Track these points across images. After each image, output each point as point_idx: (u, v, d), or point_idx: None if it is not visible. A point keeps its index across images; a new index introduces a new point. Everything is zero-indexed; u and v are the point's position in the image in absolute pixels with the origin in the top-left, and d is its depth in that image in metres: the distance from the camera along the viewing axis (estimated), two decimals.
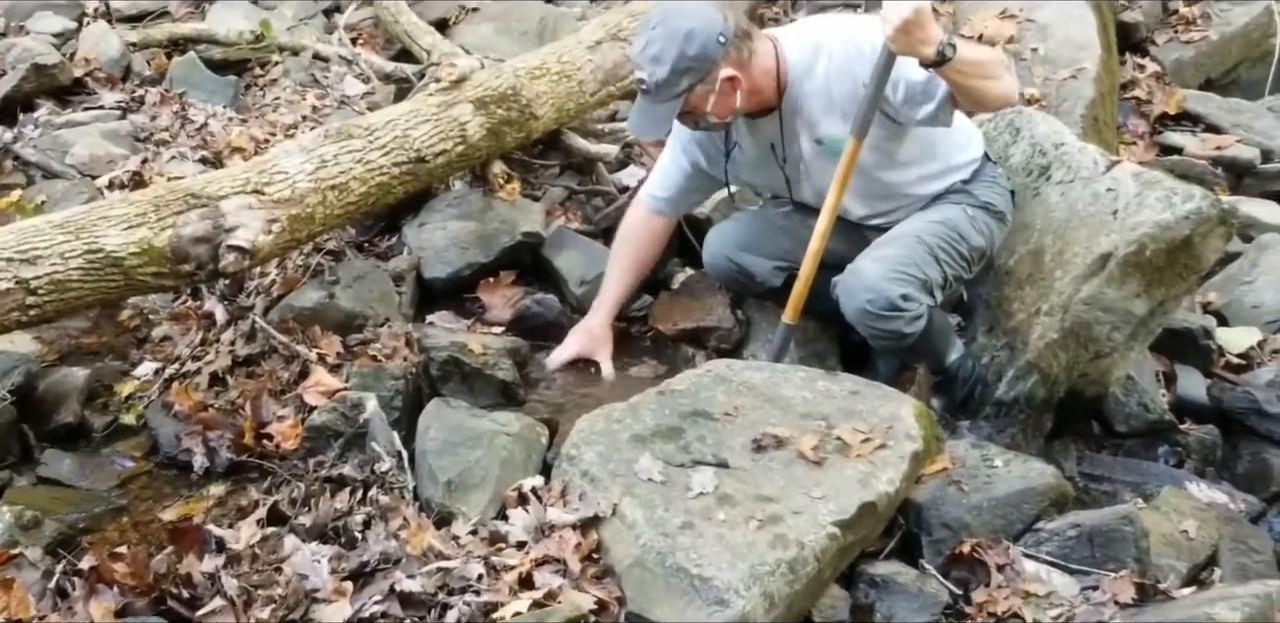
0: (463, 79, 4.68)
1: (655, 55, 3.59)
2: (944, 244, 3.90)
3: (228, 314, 4.31)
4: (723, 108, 3.72)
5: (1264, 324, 4.90)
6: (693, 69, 3.60)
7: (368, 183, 4.27)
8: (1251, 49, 7.39)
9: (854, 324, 3.86)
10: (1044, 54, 6.20)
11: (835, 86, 3.75)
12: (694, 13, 3.70)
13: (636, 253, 4.35)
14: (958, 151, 4.05)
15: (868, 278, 3.76)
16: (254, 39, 6.11)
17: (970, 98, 3.58)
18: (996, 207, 4.05)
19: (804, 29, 3.96)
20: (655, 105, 3.69)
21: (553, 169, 5.35)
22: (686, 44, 3.58)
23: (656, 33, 3.63)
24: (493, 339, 4.36)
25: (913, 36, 3.32)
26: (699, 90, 3.65)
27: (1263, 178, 6.54)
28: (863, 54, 3.65)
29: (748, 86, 3.72)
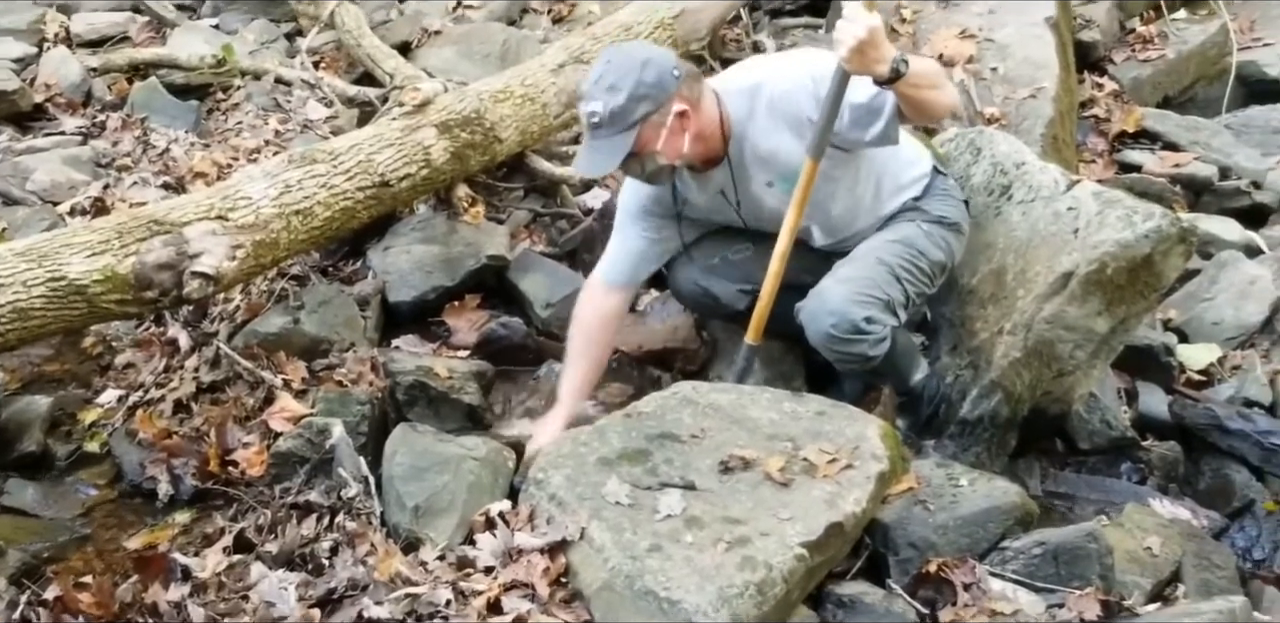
0: (426, 103, 4.68)
1: (611, 84, 3.55)
2: (904, 263, 3.91)
3: (191, 341, 4.30)
4: (672, 147, 3.66)
5: (1224, 341, 4.93)
6: (649, 97, 3.56)
7: (332, 208, 4.27)
8: (1208, 67, 7.44)
9: (819, 349, 3.86)
10: (1003, 73, 6.24)
11: (778, 126, 3.75)
12: (647, 47, 3.78)
13: (599, 347, 4.18)
14: (906, 169, 4.07)
15: (830, 302, 3.77)
16: (216, 63, 6.10)
17: (921, 110, 3.59)
18: (951, 219, 4.07)
19: (740, 74, 3.93)
20: (606, 140, 3.61)
21: (517, 192, 5.36)
22: (644, 71, 3.56)
23: (610, 65, 3.60)
24: (459, 363, 4.36)
25: (867, 56, 3.31)
26: (653, 121, 3.59)
27: (1220, 195, 6.58)
28: (804, 88, 3.66)
29: (696, 128, 3.69)
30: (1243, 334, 4.94)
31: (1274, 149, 6.98)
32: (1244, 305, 5.00)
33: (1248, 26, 7.56)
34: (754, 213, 4.01)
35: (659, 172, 3.73)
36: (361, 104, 5.68)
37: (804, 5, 7.19)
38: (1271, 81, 7.25)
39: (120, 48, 6.57)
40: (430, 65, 6.15)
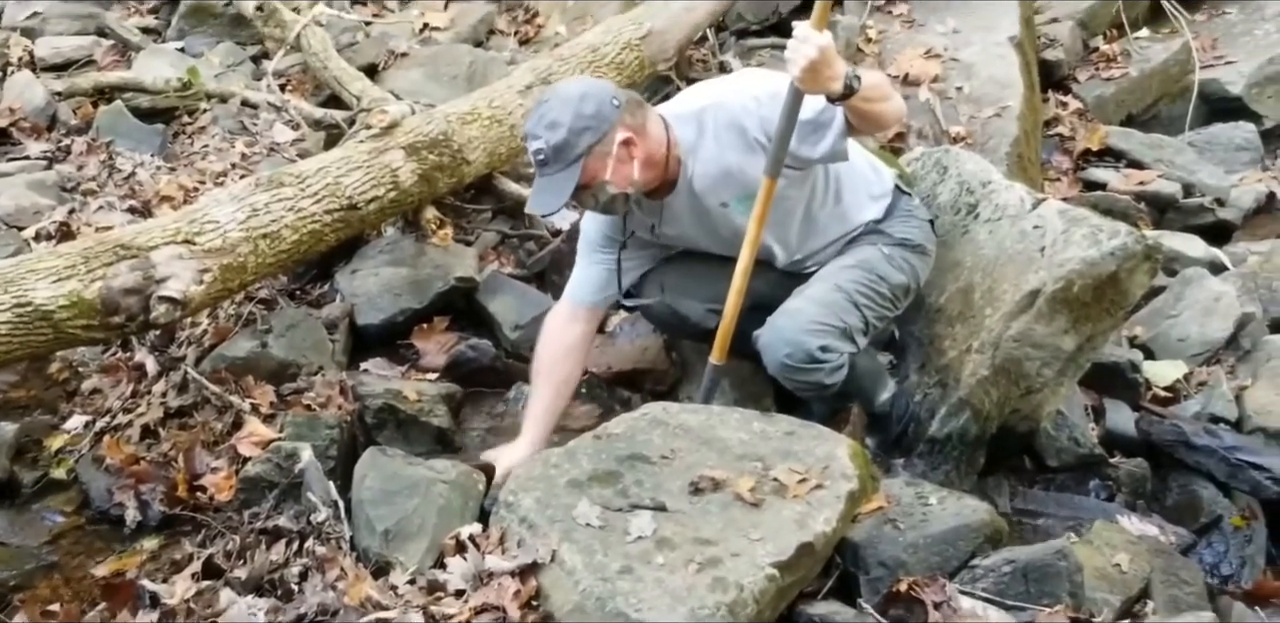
0: (394, 125, 4.69)
1: (551, 121, 3.57)
2: (862, 288, 3.92)
3: (159, 365, 4.28)
4: (621, 176, 3.67)
5: (1189, 357, 4.94)
6: (590, 128, 3.57)
7: (299, 231, 4.27)
8: (1171, 85, 7.52)
9: (776, 377, 3.88)
10: (969, 93, 6.28)
11: (727, 147, 3.76)
12: (584, 81, 3.77)
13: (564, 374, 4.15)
14: (866, 188, 4.08)
15: (785, 332, 3.78)
16: (181, 86, 6.08)
17: (874, 122, 3.62)
18: (914, 241, 4.08)
19: (686, 99, 3.94)
20: (553, 176, 3.62)
21: (485, 214, 5.37)
22: (582, 104, 3.58)
23: (549, 104, 3.62)
24: (427, 386, 4.36)
25: (821, 75, 3.33)
26: (597, 152, 3.59)
27: (1184, 212, 6.65)
28: (747, 109, 3.69)
29: (644, 155, 3.70)
30: (1208, 350, 4.96)
31: (1237, 166, 7.08)
32: (1209, 322, 5.02)
33: (1209, 45, 7.64)
34: (712, 235, 4.01)
35: (612, 201, 3.74)
36: (328, 127, 5.67)
37: (770, 25, 7.20)
38: (1234, 99, 7.34)
39: (85, 71, 6.55)
40: (397, 87, 6.16)
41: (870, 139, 4.30)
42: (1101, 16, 7.71)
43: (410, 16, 7.08)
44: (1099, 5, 7.70)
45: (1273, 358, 4.84)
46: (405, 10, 7.22)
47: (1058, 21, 7.53)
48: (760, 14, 7.17)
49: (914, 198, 4.24)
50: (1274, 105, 7.42)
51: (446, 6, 7.22)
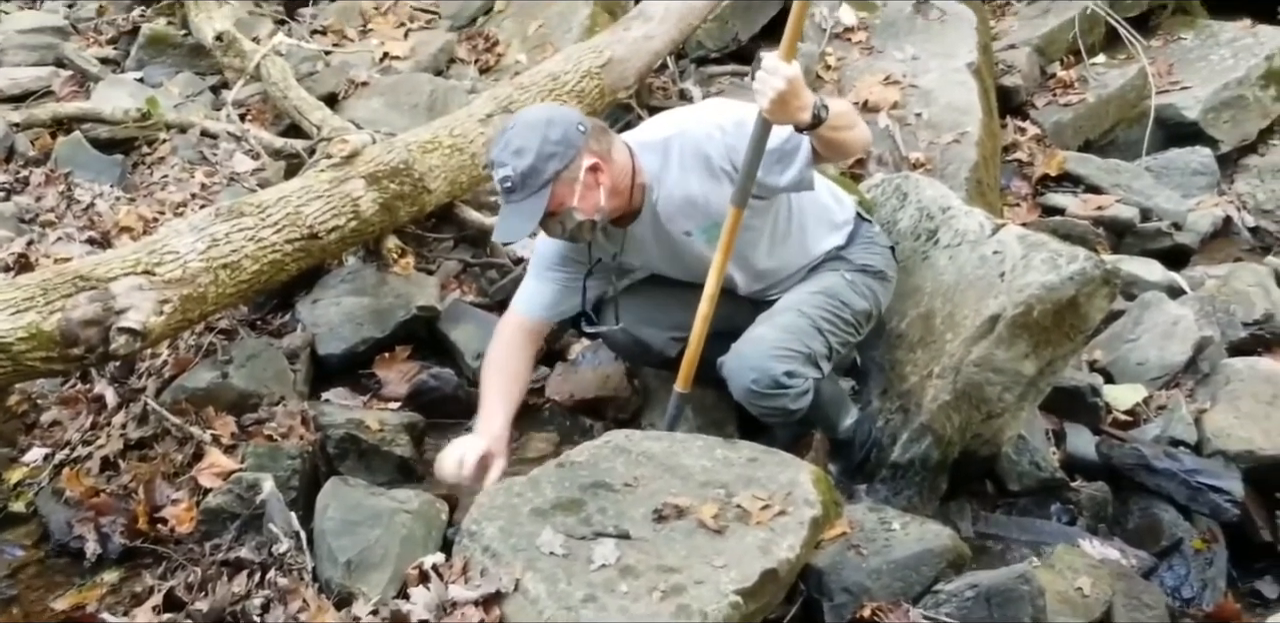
0: (355, 154, 4.68)
1: (518, 148, 3.56)
2: (826, 314, 3.94)
3: (118, 397, 4.26)
4: (588, 202, 3.67)
5: (1149, 380, 4.97)
6: (557, 154, 3.57)
7: (260, 261, 4.25)
8: (1128, 110, 7.59)
9: (741, 403, 3.88)
10: (928, 119, 6.33)
11: (691, 176, 3.77)
12: (549, 108, 3.82)
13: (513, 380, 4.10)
14: (829, 216, 4.11)
15: (750, 358, 3.78)
16: (140, 117, 6.06)
17: (840, 150, 3.65)
18: (875, 267, 4.11)
19: (653, 128, 3.95)
20: (520, 204, 3.61)
21: (446, 242, 5.37)
22: (548, 129, 3.57)
23: (514, 131, 3.62)
24: (389, 415, 4.35)
25: (789, 106, 3.34)
26: (564, 178, 3.59)
27: (1142, 236, 6.71)
28: (712, 138, 3.70)
29: (610, 181, 3.70)
30: (1167, 374, 4.99)
31: (1193, 191, 7.16)
32: (1168, 346, 5.05)
33: (1166, 70, 7.71)
34: (676, 263, 4.03)
35: (579, 228, 3.73)
36: (289, 156, 5.66)
37: (729, 53, 7.26)
38: (1190, 124, 7.41)
39: (43, 102, 6.53)
40: (358, 117, 6.16)
41: (830, 166, 4.31)
42: (1058, 43, 7.77)
43: (370, 46, 7.07)
44: (1056, 32, 7.76)
45: (1231, 381, 4.87)
46: (365, 40, 7.21)
47: (1015, 48, 7.59)
48: (720, 42, 7.23)
49: (874, 225, 4.26)
50: (1229, 130, 7.50)
51: (406, 35, 7.24)
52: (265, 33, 6.90)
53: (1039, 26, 7.83)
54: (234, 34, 6.46)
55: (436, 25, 7.45)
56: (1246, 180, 7.37)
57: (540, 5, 7.22)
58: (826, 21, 6.92)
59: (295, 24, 7.28)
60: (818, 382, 3.87)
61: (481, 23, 7.47)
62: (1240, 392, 4.81)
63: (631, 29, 6.04)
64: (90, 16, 7.28)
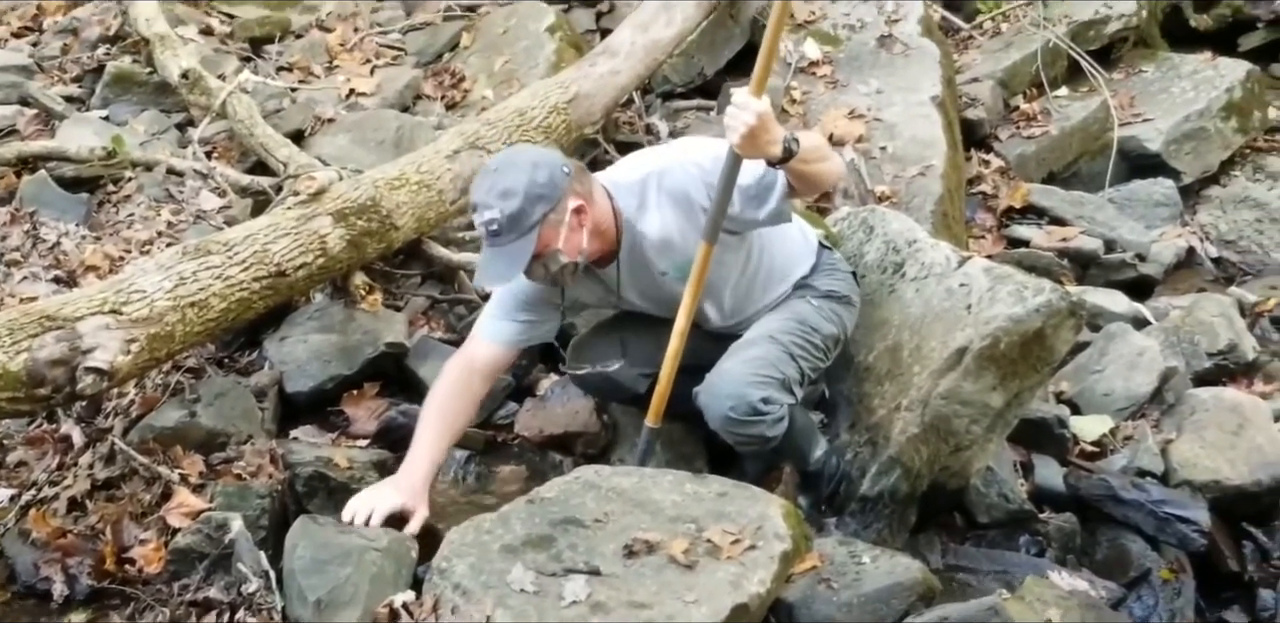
0: (322, 191, 4.68)
1: (505, 189, 3.54)
2: (797, 340, 3.96)
3: (85, 437, 4.24)
4: (572, 245, 3.66)
5: (1115, 411, 4.98)
6: (545, 196, 3.55)
7: (228, 299, 4.24)
8: (1091, 142, 7.63)
9: (718, 431, 3.88)
10: (892, 152, 6.36)
11: (670, 216, 3.78)
12: (532, 150, 3.81)
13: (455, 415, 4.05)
14: (794, 247, 4.14)
15: (727, 385, 3.79)
16: (106, 155, 6.02)
17: (814, 183, 3.65)
18: (840, 292, 4.15)
19: (628, 168, 3.95)
20: (506, 247, 3.59)
21: (414, 278, 5.37)
22: (535, 172, 3.56)
23: (499, 173, 3.60)
24: (358, 452, 4.34)
25: (759, 141, 3.35)
26: (551, 221, 3.58)
27: (1106, 268, 6.74)
28: (691, 176, 3.70)
29: (593, 223, 3.70)
30: (1133, 405, 5.01)
31: (1157, 222, 7.20)
32: (1133, 376, 5.07)
33: (1128, 102, 7.76)
34: (654, 301, 4.04)
35: (562, 271, 3.72)
36: (255, 193, 5.65)
37: (695, 88, 7.28)
38: (1152, 156, 7.45)
39: (8, 141, 6.49)
40: (324, 153, 6.14)
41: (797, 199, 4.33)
42: (1021, 76, 7.81)
43: (336, 82, 7.06)
44: (1018, 65, 7.80)
45: (1197, 411, 4.89)
46: (331, 76, 7.20)
47: (978, 81, 7.63)
48: (686, 76, 7.24)
49: (835, 252, 4.30)
50: (1191, 161, 7.55)
51: (372, 72, 7.23)
52: (231, 70, 6.87)
53: (1001, 60, 7.88)
54: (200, 71, 6.44)
55: (402, 61, 7.45)
56: (1209, 211, 7.43)
57: (506, 41, 7.23)
58: (791, 56, 6.95)
59: (261, 61, 7.27)
60: (791, 408, 3.89)
61: (447, 59, 7.46)
62: (1206, 422, 4.83)
63: (598, 64, 6.07)
64: (55, 55, 7.24)
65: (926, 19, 7.24)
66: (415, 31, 7.74)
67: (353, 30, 7.66)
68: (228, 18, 7.70)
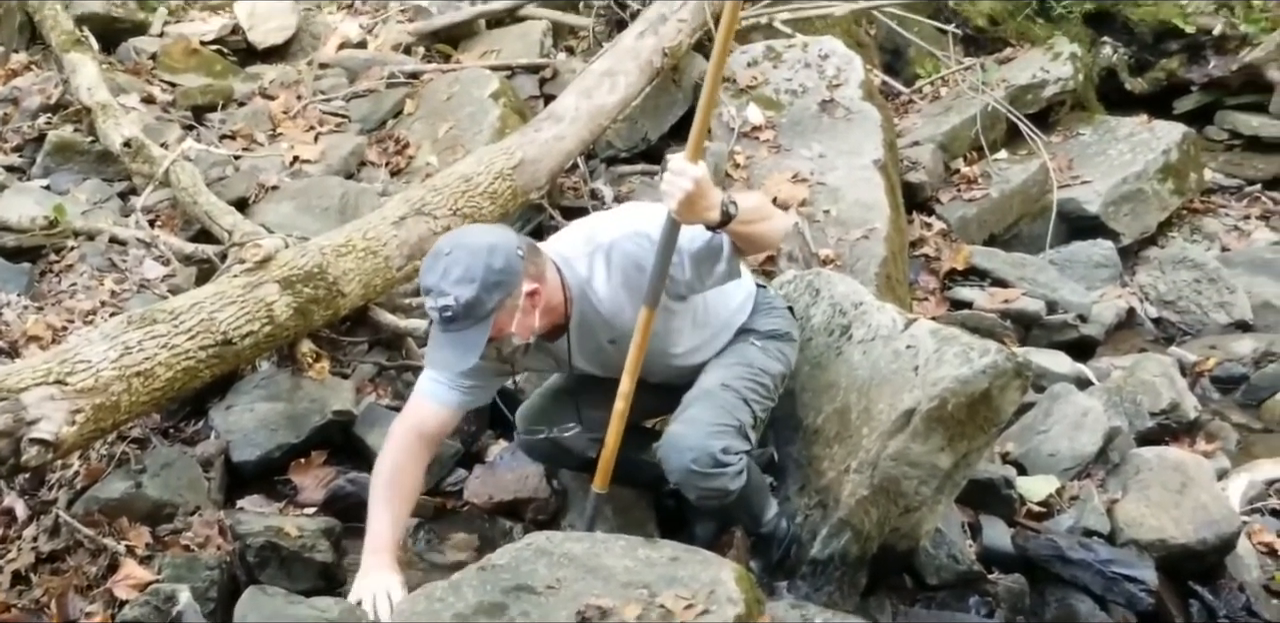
0: (268, 259, 4.67)
1: (459, 276, 3.49)
2: (748, 383, 3.98)
3: (28, 509, 4.19)
4: (525, 326, 3.65)
5: (1061, 471, 5.03)
6: (501, 283, 3.51)
7: (174, 368, 4.21)
8: (1030, 205, 7.76)
9: (679, 486, 3.87)
10: (836, 215, 6.40)
11: (619, 287, 3.77)
12: (485, 231, 3.74)
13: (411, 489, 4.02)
14: (734, 295, 4.13)
15: (687, 438, 3.79)
16: (48, 224, 5.99)
17: (756, 244, 3.67)
18: (780, 330, 4.17)
19: (574, 237, 3.93)
20: (461, 333, 3.56)
21: (361, 345, 5.36)
22: (491, 257, 3.51)
23: (453, 256, 3.54)
24: (307, 521, 4.30)
25: (697, 206, 3.35)
26: (506, 307, 3.56)
27: (1049, 329, 6.83)
28: (643, 248, 3.67)
29: (545, 302, 3.69)
30: (1078, 465, 5.06)
31: (1097, 283, 7.31)
32: (1078, 436, 5.13)
33: (1066, 165, 7.89)
34: (601, 367, 4.04)
35: (514, 352, 3.76)
36: (199, 262, 5.63)
37: (639, 152, 7.34)
38: (1091, 218, 7.59)
39: None
40: (269, 221, 6.12)
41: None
42: (961, 139, 7.94)
43: (280, 149, 7.06)
44: (958, 128, 7.94)
45: (1141, 471, 4.94)
46: (275, 143, 7.20)
47: (919, 145, 7.74)
48: (630, 141, 7.32)
49: (769, 289, 4.33)
50: (1130, 223, 7.69)
51: (316, 139, 7.23)
52: (174, 138, 6.87)
53: (941, 124, 8.00)
54: (142, 140, 6.43)
55: (346, 128, 7.45)
56: (1148, 272, 7.52)
57: (450, 108, 7.27)
58: (734, 120, 7.00)
59: (203, 129, 7.25)
60: (748, 461, 3.89)
61: (391, 125, 7.48)
62: (1150, 481, 4.88)
63: (543, 130, 6.11)
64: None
65: (867, 83, 7.31)
66: (358, 99, 7.75)
67: (295, 98, 7.67)
68: (169, 86, 7.70)
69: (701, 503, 3.97)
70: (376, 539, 3.88)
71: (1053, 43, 8.95)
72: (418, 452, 4.03)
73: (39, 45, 8.05)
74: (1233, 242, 8.07)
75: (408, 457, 4.00)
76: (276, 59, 8.50)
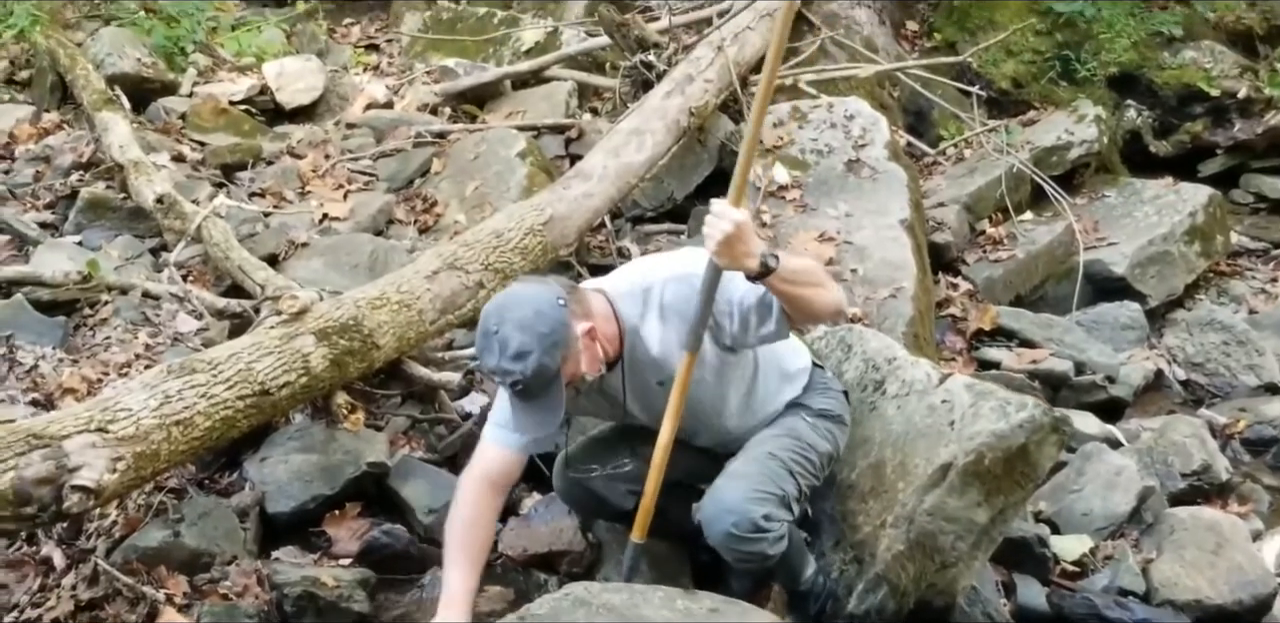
0: (304, 310, 4.69)
1: (516, 351, 3.50)
2: (795, 457, 3.96)
3: (67, 558, 4.20)
4: (593, 362, 3.69)
5: (1094, 531, 5.02)
6: (557, 342, 3.53)
7: (212, 417, 4.22)
8: (1056, 266, 7.76)
9: (718, 549, 3.84)
10: (863, 274, 6.41)
11: (671, 328, 3.78)
12: (522, 294, 3.68)
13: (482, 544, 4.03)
14: (789, 368, 4.14)
15: (729, 501, 3.77)
16: (81, 279, 6.03)
17: (800, 308, 3.63)
18: (833, 411, 4.14)
19: (629, 277, 3.95)
20: (538, 399, 3.60)
21: (395, 398, 5.36)
22: (538, 323, 3.52)
23: (502, 334, 3.54)
24: (343, 571, 4.31)
25: (735, 250, 3.37)
26: (570, 358, 3.59)
27: (1077, 389, 6.79)
28: (694, 287, 3.66)
29: (601, 334, 3.72)
30: (1112, 524, 5.05)
31: (1124, 345, 7.27)
32: (1111, 496, 5.12)
33: (1092, 227, 7.90)
34: (646, 412, 4.02)
35: (589, 386, 3.81)
36: (232, 316, 5.65)
37: (665, 212, 7.37)
38: (1118, 279, 7.57)
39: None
40: (299, 276, 6.13)
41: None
42: (986, 200, 7.96)
43: (310, 207, 7.12)
44: (983, 190, 7.96)
45: (1176, 531, 4.93)
46: (304, 201, 7.25)
47: (944, 205, 7.75)
48: (656, 200, 7.36)
49: (826, 371, 4.31)
50: (1157, 285, 7.68)
51: (345, 197, 7.28)
52: (204, 195, 6.93)
53: (966, 185, 8.03)
54: (175, 196, 6.48)
55: (374, 187, 7.51)
56: (1175, 334, 7.50)
57: (477, 166, 7.31)
58: (760, 180, 7.03)
59: (233, 187, 7.31)
60: (789, 527, 3.87)
61: (419, 184, 7.53)
62: (1185, 541, 4.87)
63: (571, 187, 6.14)
64: (27, 182, 7.27)
65: (893, 143, 7.36)
66: (386, 158, 7.82)
67: (324, 157, 7.74)
68: (199, 145, 7.77)
69: (740, 566, 3.97)
70: (451, 593, 3.88)
71: (1077, 105, 9.01)
72: (489, 501, 4.04)
73: (70, 104, 8.18)
74: (1260, 304, 8.05)
75: (479, 508, 4.01)
76: (304, 119, 8.60)
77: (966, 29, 9.59)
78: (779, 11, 3.42)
